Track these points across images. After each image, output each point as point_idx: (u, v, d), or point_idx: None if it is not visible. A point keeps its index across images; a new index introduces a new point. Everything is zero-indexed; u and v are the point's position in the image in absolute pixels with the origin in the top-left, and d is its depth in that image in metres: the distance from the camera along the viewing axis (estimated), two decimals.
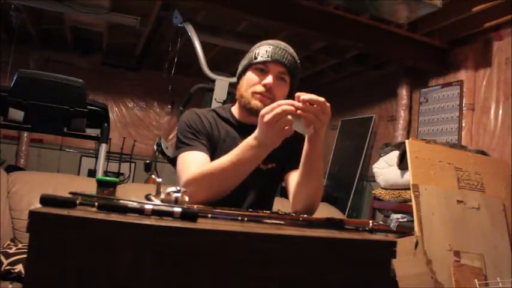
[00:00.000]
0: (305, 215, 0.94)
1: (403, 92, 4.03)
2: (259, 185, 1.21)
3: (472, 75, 3.36)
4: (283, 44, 1.22)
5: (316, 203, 1.14)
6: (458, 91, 3.39)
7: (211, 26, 4.03)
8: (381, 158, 3.14)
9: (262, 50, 1.19)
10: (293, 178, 1.19)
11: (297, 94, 0.96)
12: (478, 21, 3.14)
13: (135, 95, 5.89)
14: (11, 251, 1.72)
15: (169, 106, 5.20)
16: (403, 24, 3.30)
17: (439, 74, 3.63)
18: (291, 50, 1.22)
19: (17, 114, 2.37)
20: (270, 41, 1.22)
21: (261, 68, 1.19)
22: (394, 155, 2.91)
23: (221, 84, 3.31)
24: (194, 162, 1.11)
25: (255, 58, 1.19)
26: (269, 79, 1.16)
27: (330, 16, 3.26)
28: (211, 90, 3.37)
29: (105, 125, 2.62)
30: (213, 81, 3.35)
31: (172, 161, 1.20)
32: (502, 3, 2.84)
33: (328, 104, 0.97)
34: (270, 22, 3.20)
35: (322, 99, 0.96)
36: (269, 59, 1.17)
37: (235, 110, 1.28)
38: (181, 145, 1.18)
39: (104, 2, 3.63)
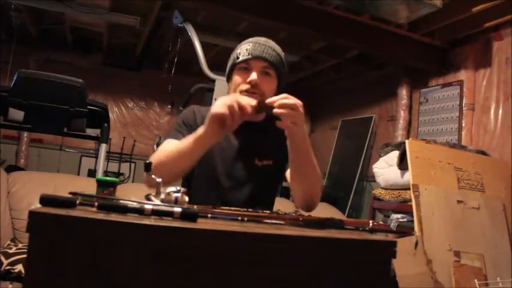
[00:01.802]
0: (305, 215, 0.94)
1: (403, 92, 4.03)
2: (254, 181, 1.23)
3: (472, 75, 3.36)
4: (263, 39, 1.24)
5: (315, 197, 1.15)
6: (458, 91, 3.39)
7: (211, 26, 4.03)
8: (380, 158, 3.14)
9: (243, 49, 1.21)
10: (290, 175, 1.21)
11: (268, 101, 1.00)
12: (478, 21, 3.14)
13: (135, 95, 5.89)
14: (11, 251, 1.73)
15: (169, 106, 5.20)
16: (403, 24, 3.30)
17: (439, 74, 3.63)
18: (272, 43, 1.24)
19: (17, 114, 2.38)
20: (250, 39, 1.25)
21: (244, 67, 1.20)
22: (394, 155, 2.91)
23: (221, 84, 3.31)
24: (163, 148, 1.14)
25: (237, 58, 1.21)
26: (253, 75, 1.17)
27: (330, 16, 3.26)
28: (211, 90, 3.37)
29: (105, 125, 2.62)
30: (213, 81, 3.35)
31: None
32: (502, 3, 2.84)
33: (299, 103, 1.00)
34: (270, 22, 3.20)
35: (291, 101, 0.99)
36: (250, 56, 1.19)
37: None
38: (167, 137, 1.21)
39: (104, 2, 3.63)
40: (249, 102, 1.01)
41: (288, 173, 1.23)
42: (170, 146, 1.13)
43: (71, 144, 5.35)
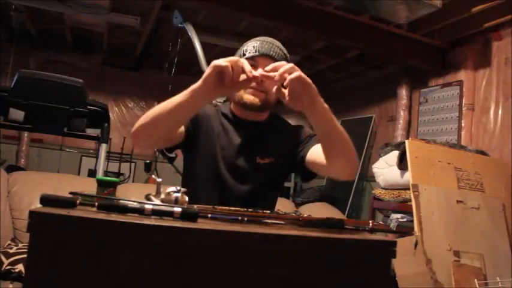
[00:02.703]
0: (305, 215, 0.94)
1: (403, 92, 4.03)
2: (255, 179, 1.23)
3: (471, 75, 3.36)
4: (269, 39, 1.25)
5: (354, 160, 1.10)
6: (458, 91, 3.39)
7: (211, 26, 4.03)
8: (380, 158, 3.14)
9: (250, 47, 1.23)
10: (313, 150, 1.19)
11: (260, 73, 1.01)
12: (478, 21, 3.14)
13: (135, 95, 5.88)
14: (11, 251, 1.73)
15: None
16: (403, 24, 3.30)
17: (439, 74, 3.63)
18: (278, 43, 1.25)
19: (17, 114, 2.38)
20: (256, 38, 1.26)
21: (251, 64, 1.20)
22: (394, 155, 2.91)
23: None
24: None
25: (244, 55, 1.22)
26: (259, 72, 1.17)
27: (330, 16, 3.26)
28: None
29: (106, 125, 2.62)
30: None
31: (172, 161, 1.21)
32: (502, 3, 2.84)
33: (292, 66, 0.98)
34: (270, 22, 3.20)
35: (284, 67, 0.98)
36: (257, 53, 1.20)
37: (233, 106, 1.33)
38: None
39: (104, 2, 3.63)
40: (251, 70, 1.00)
41: (312, 153, 1.20)
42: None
43: (71, 144, 5.34)
